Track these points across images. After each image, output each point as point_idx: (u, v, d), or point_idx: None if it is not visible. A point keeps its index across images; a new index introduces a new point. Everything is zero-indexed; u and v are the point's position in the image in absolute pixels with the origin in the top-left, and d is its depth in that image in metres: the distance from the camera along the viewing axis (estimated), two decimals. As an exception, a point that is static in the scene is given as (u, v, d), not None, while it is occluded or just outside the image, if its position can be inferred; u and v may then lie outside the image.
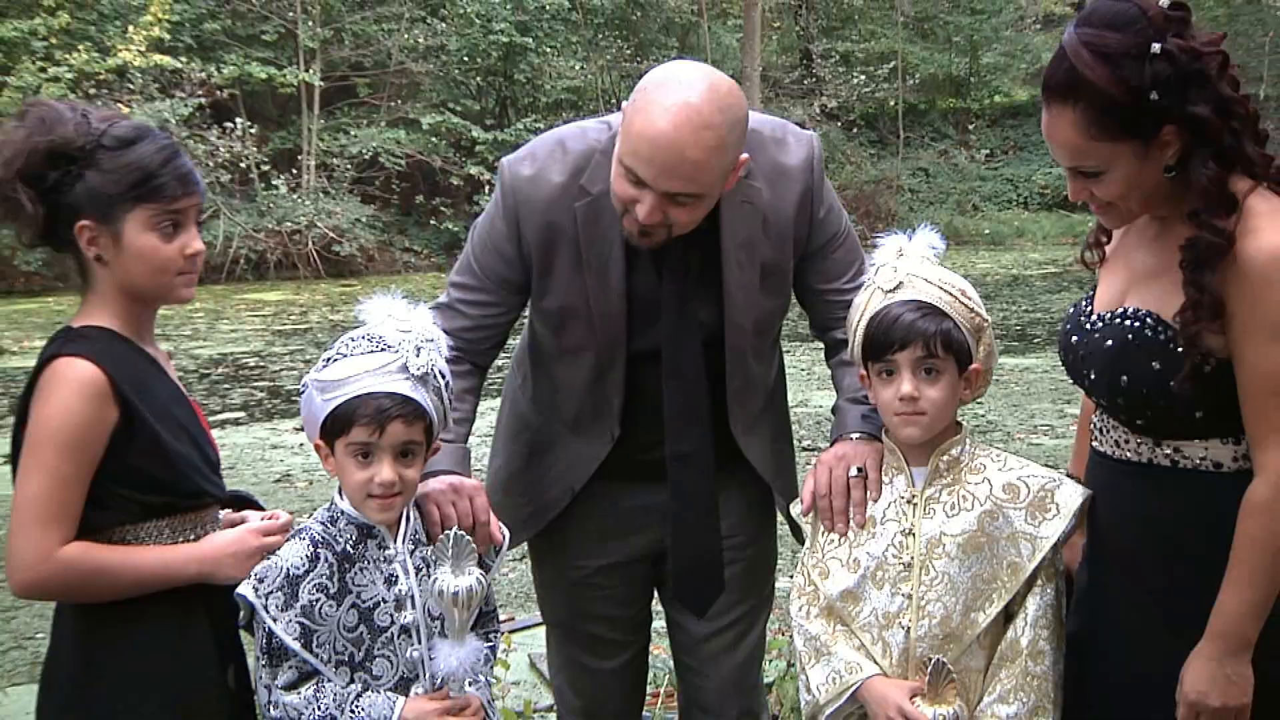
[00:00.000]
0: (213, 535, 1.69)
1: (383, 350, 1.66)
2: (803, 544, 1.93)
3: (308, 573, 1.66)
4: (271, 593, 1.63)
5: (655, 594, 2.21)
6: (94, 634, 1.64)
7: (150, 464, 1.63)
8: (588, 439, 2.05)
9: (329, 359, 1.68)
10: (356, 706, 1.65)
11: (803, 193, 1.98)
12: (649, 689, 2.65)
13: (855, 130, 23.26)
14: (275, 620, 1.62)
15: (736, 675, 2.10)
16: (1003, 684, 1.70)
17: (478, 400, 2.05)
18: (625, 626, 2.16)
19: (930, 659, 1.70)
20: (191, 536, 1.68)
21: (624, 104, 1.84)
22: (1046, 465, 1.85)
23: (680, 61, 1.87)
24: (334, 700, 1.64)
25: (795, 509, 1.90)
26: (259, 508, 1.85)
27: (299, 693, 1.64)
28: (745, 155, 1.86)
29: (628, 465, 2.04)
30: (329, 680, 1.66)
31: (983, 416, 7.42)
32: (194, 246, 1.68)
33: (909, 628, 1.73)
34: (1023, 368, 9.17)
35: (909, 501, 1.78)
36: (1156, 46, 1.53)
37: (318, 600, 1.65)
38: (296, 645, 1.63)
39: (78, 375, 1.58)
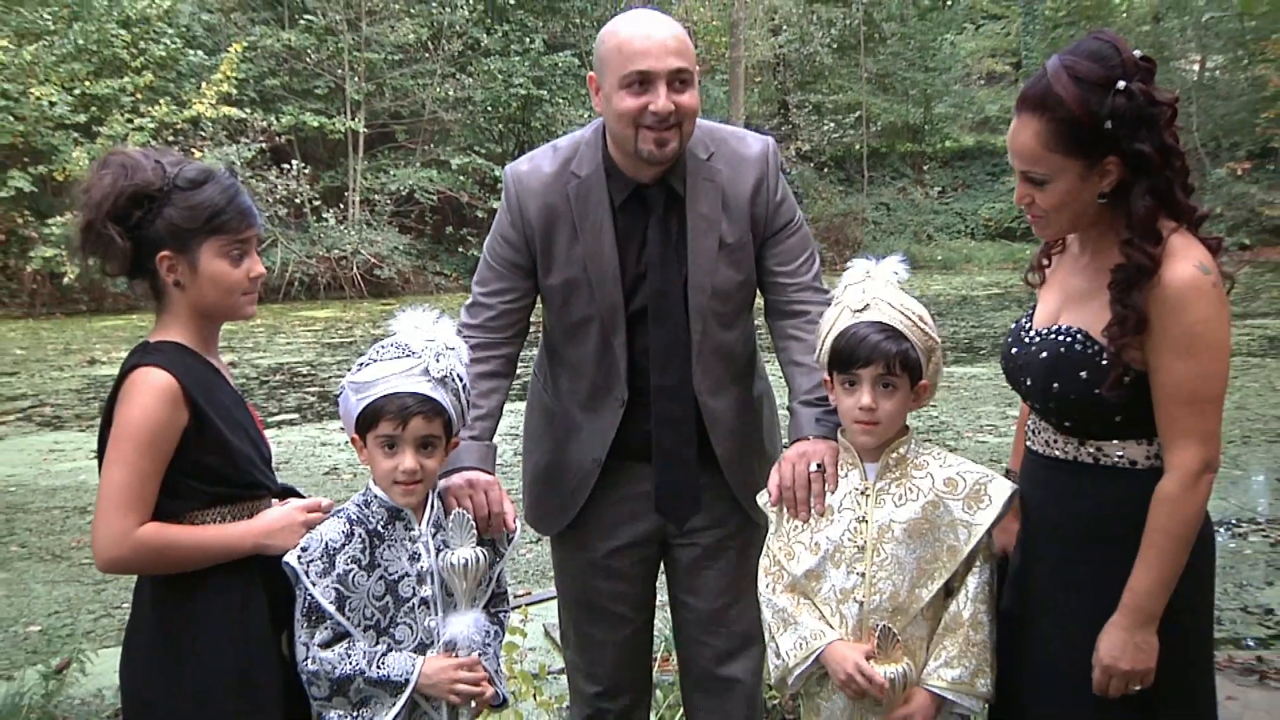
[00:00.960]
0: (265, 511, 1.70)
1: (408, 356, 1.69)
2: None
3: (343, 546, 1.67)
4: (312, 561, 1.65)
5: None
6: (168, 604, 1.65)
7: (215, 460, 1.64)
8: (601, 412, 2.04)
9: (362, 364, 1.71)
10: (382, 663, 1.67)
11: (758, 179, 2.01)
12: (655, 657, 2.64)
13: (825, 170, 23.26)
14: (314, 585, 1.64)
15: (735, 643, 2.08)
16: (948, 650, 1.70)
17: (503, 399, 2.04)
18: (632, 603, 2.14)
19: (879, 625, 1.70)
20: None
21: (597, 53, 1.95)
22: (991, 460, 1.86)
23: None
24: (363, 657, 1.66)
25: (763, 499, 1.89)
26: (302, 498, 1.86)
27: (333, 650, 1.65)
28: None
29: (636, 438, 2.03)
30: (359, 641, 1.67)
31: (935, 418, 7.40)
32: (257, 270, 1.72)
33: (862, 601, 1.73)
34: (970, 375, 9.14)
35: (862, 493, 1.78)
36: (1122, 84, 1.55)
37: (351, 570, 1.67)
38: (332, 608, 1.64)
39: (155, 383, 1.59)
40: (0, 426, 8.52)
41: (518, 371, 2.14)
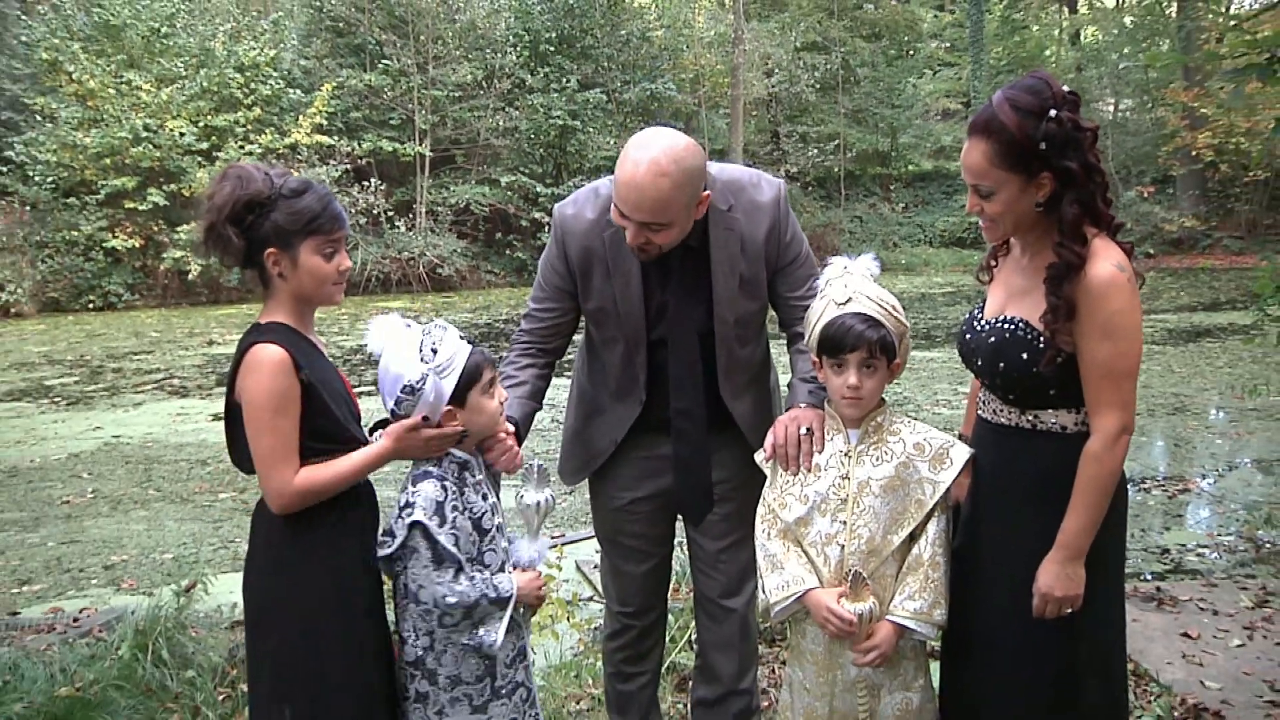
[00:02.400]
0: (383, 433, 1.69)
1: (446, 329, 1.70)
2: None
3: (446, 500, 1.67)
4: (430, 516, 1.64)
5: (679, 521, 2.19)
6: (277, 534, 1.65)
7: (320, 419, 1.64)
8: (624, 404, 2.04)
9: (427, 359, 1.66)
10: (494, 584, 1.68)
11: (771, 225, 1.96)
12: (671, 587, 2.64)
13: (809, 189, 23.05)
14: (440, 536, 1.63)
15: (736, 576, 2.07)
16: (910, 586, 1.69)
17: (542, 374, 2.05)
18: (652, 541, 2.14)
19: (851, 571, 1.69)
20: None
21: None
22: (945, 428, 1.83)
23: (654, 128, 1.86)
24: (482, 582, 1.67)
25: (759, 456, 1.88)
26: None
27: (460, 582, 1.66)
28: (708, 192, 1.85)
29: (652, 423, 2.03)
30: (472, 571, 1.68)
31: (900, 393, 7.36)
32: (345, 264, 1.72)
33: (844, 545, 1.72)
34: (928, 359, 9.07)
35: (845, 454, 1.76)
36: (1053, 112, 1.55)
37: (455, 516, 1.67)
38: (455, 550, 1.65)
39: (271, 356, 1.59)
40: (140, 394, 8.62)
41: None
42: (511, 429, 1.82)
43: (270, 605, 1.66)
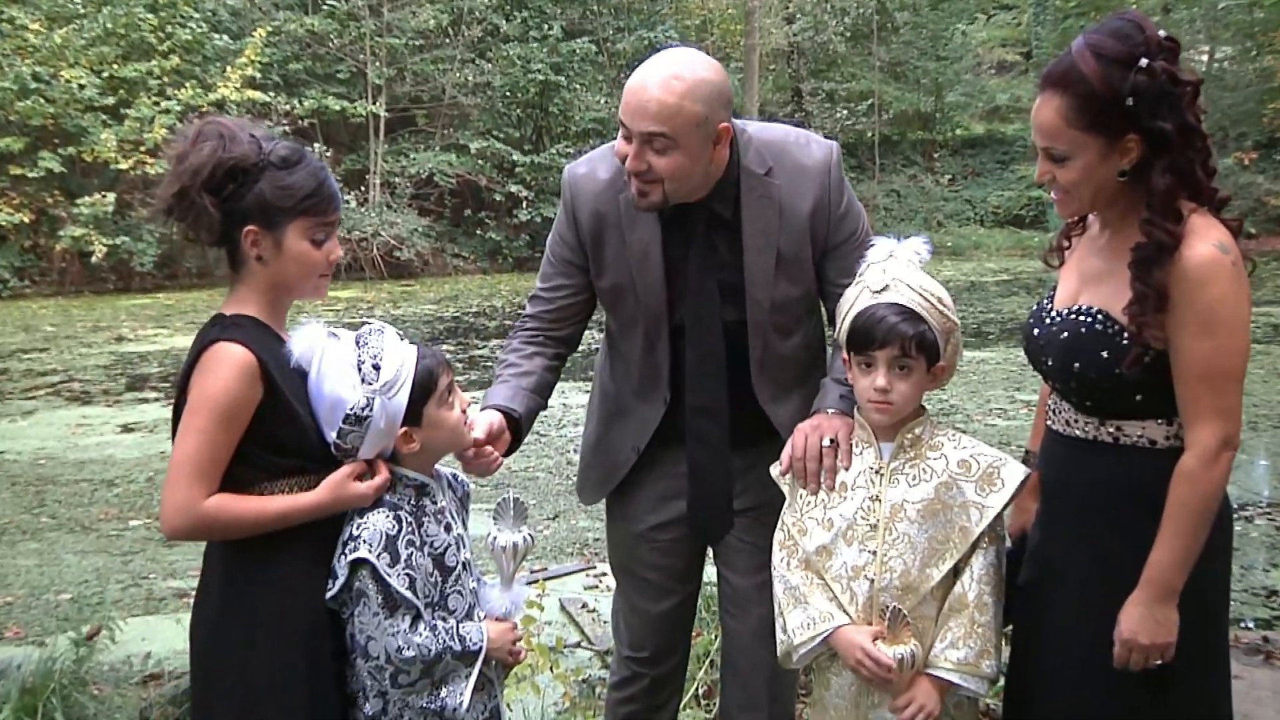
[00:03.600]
0: (323, 481, 1.68)
1: (383, 332, 1.70)
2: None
3: (399, 532, 1.65)
4: (380, 553, 1.62)
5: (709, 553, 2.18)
6: (241, 567, 1.65)
7: (287, 433, 1.64)
8: (647, 403, 2.05)
9: (369, 377, 1.65)
10: (460, 635, 1.68)
11: (819, 192, 1.93)
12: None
13: (838, 157, 23.10)
14: (391, 576, 1.62)
15: (767, 624, 2.03)
16: (953, 632, 1.69)
17: (551, 366, 2.06)
18: (674, 575, 2.14)
19: (889, 606, 1.69)
20: None
21: None
22: (1000, 443, 1.84)
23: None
24: (445, 632, 1.67)
25: (775, 470, 1.87)
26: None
27: (419, 633, 1.65)
28: (726, 124, 1.83)
29: (677, 430, 2.02)
30: (434, 619, 1.67)
31: (945, 401, 7.36)
32: (336, 253, 1.72)
33: (873, 579, 1.72)
34: (979, 360, 9.07)
35: (877, 472, 1.76)
36: (1144, 61, 1.54)
37: (411, 553, 1.66)
38: (409, 594, 1.63)
39: (234, 358, 1.59)
40: (31, 401, 8.59)
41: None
42: (483, 438, 1.82)
43: (224, 655, 1.64)
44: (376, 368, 1.65)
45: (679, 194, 1.86)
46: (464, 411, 1.76)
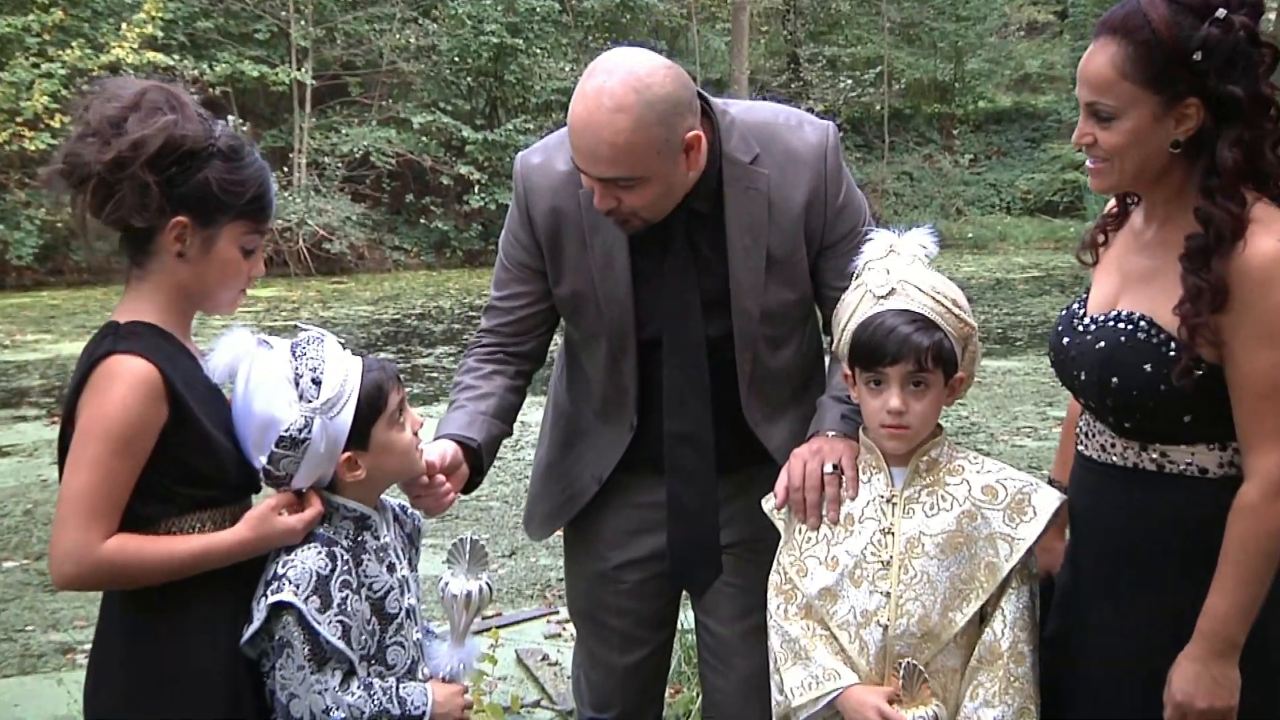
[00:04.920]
0: (245, 516, 1.68)
1: (323, 340, 1.70)
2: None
3: (333, 571, 1.65)
4: (309, 596, 1.62)
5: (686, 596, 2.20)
6: (147, 617, 1.63)
7: (198, 459, 1.63)
8: (612, 427, 2.06)
9: (310, 395, 1.65)
10: (401, 697, 1.67)
11: (814, 181, 1.95)
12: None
13: (841, 134, 23.02)
14: (321, 624, 1.61)
15: (756, 679, 2.05)
16: (985, 688, 1.69)
17: (514, 386, 2.06)
18: (645, 622, 2.15)
19: (902, 662, 1.69)
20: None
21: None
22: (1029, 467, 1.86)
23: (616, 49, 1.87)
24: (383, 693, 1.66)
25: (768, 504, 1.88)
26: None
27: (352, 691, 1.64)
28: (695, 132, 1.84)
29: (647, 457, 2.04)
30: (370, 677, 1.66)
31: (965, 419, 7.43)
32: (258, 270, 1.73)
33: (886, 625, 1.72)
34: (1005, 370, 9.17)
35: (888, 501, 1.77)
36: (1221, 12, 1.53)
37: (346, 596, 1.65)
38: (341, 644, 1.62)
39: (134, 373, 1.57)
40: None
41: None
42: (437, 465, 1.82)
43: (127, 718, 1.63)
44: (317, 382, 1.65)
45: (662, 213, 1.88)
46: (415, 434, 1.76)
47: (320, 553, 1.65)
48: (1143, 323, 1.63)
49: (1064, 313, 1.80)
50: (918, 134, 24.22)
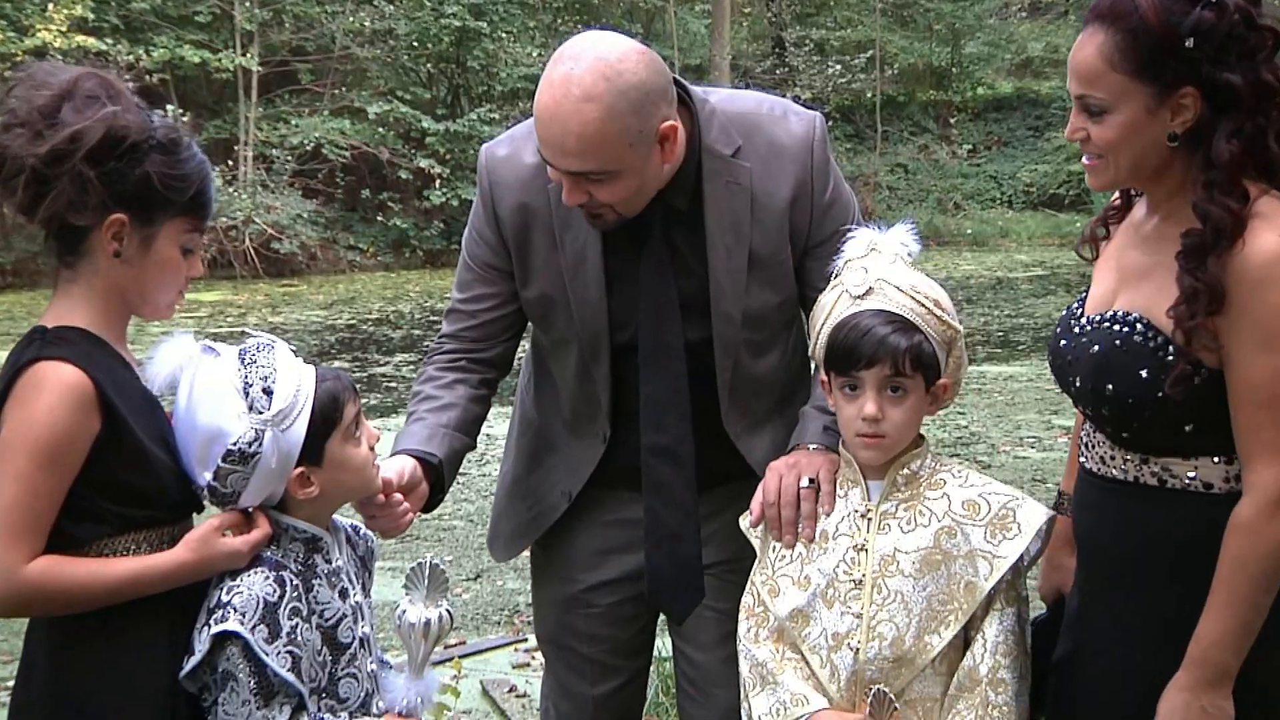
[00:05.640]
0: (186, 537, 1.68)
1: (274, 347, 1.71)
2: None
3: (282, 598, 1.65)
4: (256, 625, 1.61)
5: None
6: (75, 650, 1.63)
7: (132, 475, 1.63)
8: (583, 439, 2.07)
9: (262, 406, 1.66)
10: None
11: (799, 175, 1.96)
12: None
13: (830, 123, 23.05)
14: (269, 655, 1.61)
15: (738, 710, 2.03)
16: (961, 715, 1.70)
17: (478, 396, 2.06)
18: (619, 649, 2.16)
19: (871, 689, 1.70)
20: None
21: None
22: (1034, 479, 1.87)
23: (586, 33, 1.89)
24: None
25: (744, 521, 1.90)
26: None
27: None
28: (671, 122, 1.85)
29: (621, 471, 2.05)
30: (320, 711, 1.67)
31: (965, 428, 7.47)
32: (196, 270, 1.75)
33: (858, 649, 1.73)
34: (1007, 375, 9.12)
35: (863, 516, 1.79)
36: None
37: (296, 624, 1.65)
38: (291, 677, 1.62)
39: (63, 381, 1.57)
40: None
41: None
42: (394, 483, 1.83)
43: None
44: (268, 392, 1.65)
45: (637, 208, 1.90)
46: (372, 449, 1.77)
47: (268, 578, 1.65)
48: (1139, 324, 1.62)
49: (1063, 314, 1.80)
50: (912, 123, 24.31)
